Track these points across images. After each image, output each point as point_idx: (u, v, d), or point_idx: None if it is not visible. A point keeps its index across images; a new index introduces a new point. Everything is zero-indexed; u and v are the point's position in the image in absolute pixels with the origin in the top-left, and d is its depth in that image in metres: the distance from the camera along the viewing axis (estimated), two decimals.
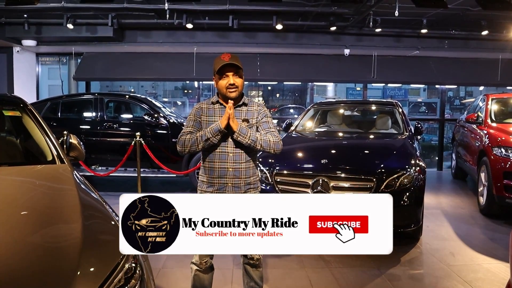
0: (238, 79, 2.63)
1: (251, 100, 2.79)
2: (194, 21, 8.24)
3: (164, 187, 7.79)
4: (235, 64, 2.61)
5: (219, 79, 2.64)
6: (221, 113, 2.66)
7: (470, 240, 4.74)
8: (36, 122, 3.01)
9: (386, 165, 4.43)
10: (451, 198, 6.87)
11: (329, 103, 7.20)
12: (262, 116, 2.74)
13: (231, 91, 2.61)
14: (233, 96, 2.62)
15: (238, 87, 2.63)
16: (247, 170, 2.69)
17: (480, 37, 8.68)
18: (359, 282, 3.62)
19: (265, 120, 2.74)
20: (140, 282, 1.78)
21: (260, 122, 2.73)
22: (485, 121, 6.62)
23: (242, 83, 2.67)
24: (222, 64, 2.59)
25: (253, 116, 2.72)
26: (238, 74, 2.63)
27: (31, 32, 8.55)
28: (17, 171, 2.56)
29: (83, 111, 7.57)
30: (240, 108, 2.71)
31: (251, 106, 2.75)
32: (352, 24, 8.38)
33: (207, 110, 2.71)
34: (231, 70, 2.60)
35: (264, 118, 2.74)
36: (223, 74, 2.62)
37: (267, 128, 2.71)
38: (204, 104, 2.74)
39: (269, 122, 2.76)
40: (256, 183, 2.78)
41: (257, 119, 2.72)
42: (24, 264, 1.57)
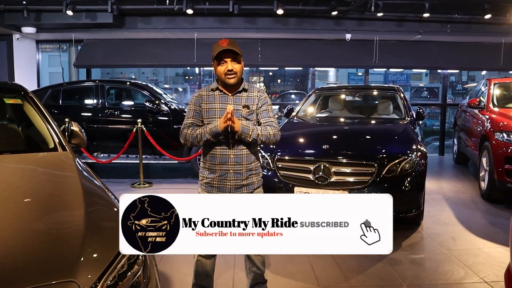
0: (236, 65, 2.59)
1: (251, 86, 2.74)
2: (194, 6, 8.18)
3: (166, 173, 7.83)
4: (233, 50, 2.56)
5: (217, 65, 2.60)
6: (221, 100, 2.64)
7: (470, 225, 4.77)
8: (37, 110, 3.01)
9: (387, 150, 4.43)
10: (453, 183, 6.88)
11: (330, 88, 7.16)
12: (262, 103, 2.71)
13: (229, 77, 2.58)
14: (232, 82, 2.59)
15: (237, 73, 2.59)
16: (248, 156, 2.66)
17: (482, 21, 8.60)
18: (360, 267, 3.65)
19: (265, 108, 2.71)
20: (143, 267, 1.80)
21: (260, 110, 2.70)
22: (487, 106, 6.59)
23: (241, 68, 2.63)
24: (220, 50, 2.55)
25: (253, 102, 2.68)
26: (237, 60, 2.59)
27: (30, 19, 8.51)
28: (19, 159, 2.57)
29: (84, 98, 7.55)
30: (240, 94, 2.67)
31: (252, 91, 2.71)
32: (353, 8, 8.31)
33: (207, 97, 2.68)
34: (229, 56, 2.57)
35: (264, 106, 2.71)
36: (221, 60, 2.58)
37: (267, 118, 2.69)
38: (204, 91, 2.71)
39: (269, 110, 2.72)
40: (257, 169, 2.76)
41: (257, 105, 2.69)
42: (27, 251, 1.58)
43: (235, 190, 2.66)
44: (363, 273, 3.54)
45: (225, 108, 2.60)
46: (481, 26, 9.05)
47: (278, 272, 3.53)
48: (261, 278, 2.92)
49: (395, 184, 4.23)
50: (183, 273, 3.52)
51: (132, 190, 6.45)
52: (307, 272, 3.55)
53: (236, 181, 2.65)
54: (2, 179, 2.25)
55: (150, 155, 7.03)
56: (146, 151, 6.80)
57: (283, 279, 3.43)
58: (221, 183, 2.66)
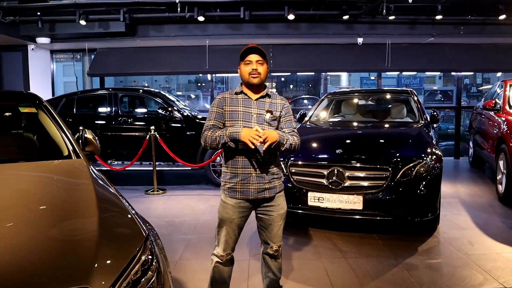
0: (261, 67, 2.59)
1: (274, 93, 2.74)
2: (205, 13, 8.23)
3: (179, 180, 7.85)
4: (259, 49, 2.59)
5: (242, 66, 2.62)
6: (244, 103, 2.63)
7: (488, 229, 4.68)
8: (51, 118, 3.04)
9: (402, 154, 4.38)
10: (469, 187, 6.77)
11: (343, 92, 7.13)
12: (286, 112, 2.71)
13: (253, 76, 2.58)
14: (255, 82, 2.58)
15: (261, 74, 2.59)
16: (270, 160, 2.65)
17: (497, 21, 8.48)
18: (376, 272, 3.60)
19: (289, 119, 2.71)
20: (157, 274, 1.79)
21: (285, 119, 2.70)
22: (503, 108, 6.50)
23: (266, 72, 2.63)
24: (246, 48, 2.59)
25: (277, 108, 2.68)
26: (262, 62, 2.61)
27: (45, 29, 8.66)
28: (34, 167, 2.60)
29: (98, 106, 7.64)
30: (264, 100, 2.66)
31: (275, 98, 2.71)
32: (365, 12, 8.27)
33: (230, 100, 2.65)
34: (254, 56, 2.58)
35: (288, 116, 2.71)
36: (246, 60, 2.59)
37: (291, 128, 2.69)
38: (227, 94, 2.69)
39: (292, 121, 2.74)
40: (279, 173, 2.74)
41: (281, 113, 2.68)
42: (41, 258, 1.59)
43: (257, 193, 2.64)
44: (378, 278, 3.49)
45: (248, 112, 2.60)
46: (496, 27, 8.93)
47: (293, 278, 3.50)
48: (276, 284, 2.90)
49: (410, 188, 4.18)
50: (197, 279, 3.51)
51: (146, 197, 6.48)
52: (322, 278, 3.52)
53: (259, 184, 2.62)
54: (18, 187, 2.28)
55: (163, 162, 7.06)
56: (159, 158, 6.84)
57: (298, 284, 3.40)
58: (244, 187, 2.62)
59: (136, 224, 1.98)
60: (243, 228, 2.80)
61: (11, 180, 2.36)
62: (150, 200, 6.28)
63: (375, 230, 4.62)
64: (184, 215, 5.47)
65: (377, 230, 4.61)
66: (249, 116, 2.61)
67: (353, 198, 4.18)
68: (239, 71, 2.65)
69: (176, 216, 5.43)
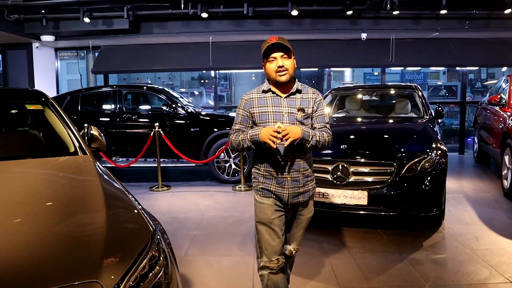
0: (287, 61, 2.41)
1: (305, 86, 2.55)
2: (209, 10, 8.23)
3: (183, 176, 7.86)
4: (282, 44, 2.39)
5: (267, 63, 2.45)
6: (273, 102, 2.46)
7: (494, 224, 4.67)
8: (57, 115, 3.06)
9: (406, 149, 4.38)
10: (474, 182, 6.76)
11: (347, 88, 7.11)
12: (318, 105, 2.53)
13: (280, 74, 2.39)
14: (284, 80, 2.40)
15: (288, 70, 2.41)
16: (305, 163, 2.52)
17: (502, 16, 8.41)
18: (381, 267, 3.60)
19: (321, 113, 2.54)
20: (164, 268, 1.81)
21: (316, 114, 2.52)
22: (509, 103, 6.47)
23: (293, 66, 2.45)
24: (268, 45, 2.39)
25: (309, 104, 2.50)
26: (287, 56, 2.42)
27: (49, 27, 8.69)
28: (40, 163, 2.61)
29: (103, 103, 7.67)
30: (294, 96, 2.48)
31: (306, 92, 2.52)
32: (368, 7, 8.23)
33: (258, 100, 2.48)
34: (278, 51, 2.40)
35: (319, 110, 2.53)
36: (270, 57, 2.42)
37: (322, 123, 2.53)
38: (255, 93, 2.51)
39: (324, 115, 2.56)
40: (312, 174, 2.61)
41: (313, 108, 2.51)
42: (50, 253, 1.60)
43: (292, 198, 2.52)
44: (384, 273, 3.49)
45: (278, 112, 2.44)
46: (501, 21, 8.85)
47: (299, 273, 3.50)
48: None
49: (415, 183, 4.18)
50: (203, 275, 3.53)
51: (151, 193, 6.50)
52: (327, 273, 3.52)
53: (294, 188, 2.50)
54: (25, 183, 2.29)
55: (167, 158, 7.08)
56: (163, 154, 6.86)
57: (304, 280, 3.40)
58: (278, 191, 2.49)
59: (143, 219, 1.99)
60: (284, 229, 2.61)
61: (18, 177, 2.38)
62: (155, 197, 6.30)
63: (380, 225, 4.62)
64: (188, 211, 5.49)
65: (382, 226, 4.61)
66: (280, 116, 2.44)
67: (358, 193, 4.19)
68: (264, 69, 2.48)
69: (181, 212, 5.45)
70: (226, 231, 4.69)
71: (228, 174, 7.07)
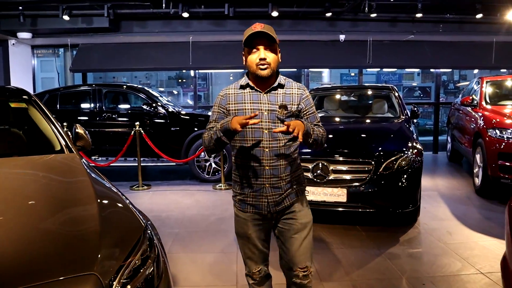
0: (270, 54, 2.13)
1: (289, 81, 2.26)
2: (190, 10, 8.26)
3: (164, 175, 7.87)
4: (267, 34, 2.11)
5: (248, 53, 2.16)
6: (252, 98, 2.19)
7: (466, 220, 4.87)
8: (42, 113, 3.08)
9: (384, 148, 4.53)
10: (447, 180, 7.00)
11: (325, 88, 7.25)
12: (306, 104, 2.24)
13: (262, 67, 2.12)
14: (264, 74, 2.12)
15: (271, 64, 2.13)
16: (287, 167, 2.21)
17: (474, 20, 8.73)
18: (360, 262, 3.73)
19: (312, 111, 2.26)
20: (156, 262, 1.87)
21: (307, 113, 2.24)
22: (480, 104, 6.72)
23: (277, 60, 2.17)
24: (251, 33, 2.11)
25: (293, 101, 2.21)
26: (272, 49, 2.14)
27: (26, 24, 8.54)
28: (27, 161, 2.63)
29: (82, 102, 7.61)
30: (276, 92, 2.20)
31: (290, 87, 2.23)
32: (347, 9, 8.42)
33: (235, 96, 2.21)
34: (262, 42, 2.12)
35: (310, 108, 2.25)
36: (253, 47, 2.13)
37: (316, 122, 2.26)
38: (231, 89, 2.25)
39: (315, 113, 2.28)
40: (299, 178, 2.31)
41: (299, 106, 2.22)
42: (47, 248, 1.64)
43: (274, 206, 2.24)
44: (363, 267, 3.63)
45: (257, 109, 2.17)
46: (473, 25, 9.18)
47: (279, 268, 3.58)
48: None
49: (392, 181, 4.33)
50: (188, 271, 3.59)
51: (132, 193, 6.50)
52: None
53: (274, 196, 2.22)
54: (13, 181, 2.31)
55: (148, 157, 7.09)
56: (144, 153, 6.86)
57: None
58: (256, 200, 2.23)
59: (134, 215, 2.05)
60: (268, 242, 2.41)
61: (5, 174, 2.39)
62: (136, 196, 6.30)
63: (359, 222, 4.76)
64: (170, 209, 5.53)
65: (360, 222, 4.75)
66: (259, 113, 2.16)
67: (337, 191, 4.31)
68: (245, 59, 2.20)
69: (162, 211, 5.48)
70: (208, 228, 4.75)
71: (208, 173, 7.13)
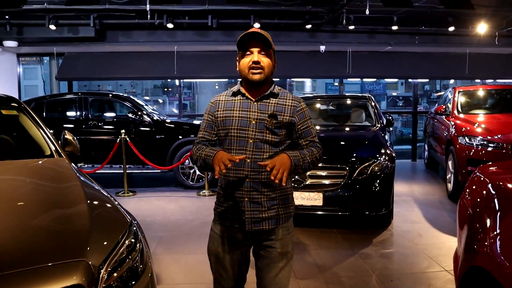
0: (265, 58, 2.01)
1: (283, 91, 2.13)
2: (174, 20, 8.48)
3: (149, 182, 8.02)
4: (263, 36, 2.00)
5: (241, 57, 2.05)
6: (242, 106, 2.06)
7: (437, 223, 5.14)
8: (32, 120, 3.24)
9: (358, 154, 4.79)
10: (423, 186, 7.29)
11: (306, 98, 7.50)
12: (300, 117, 2.09)
13: (254, 71, 2.00)
14: (256, 79, 2.00)
15: (264, 69, 2.01)
16: (270, 181, 1.98)
17: (448, 32, 9.12)
18: (334, 262, 3.96)
19: (306, 126, 2.09)
20: (140, 254, 2.06)
21: (301, 128, 2.08)
22: (452, 113, 7.05)
23: (271, 66, 2.04)
24: (245, 33, 2.00)
25: (285, 112, 2.06)
26: (267, 53, 2.02)
27: (12, 33, 8.66)
28: (20, 165, 2.80)
29: (68, 110, 7.74)
30: (267, 100, 2.07)
31: (284, 98, 2.09)
32: (326, 21, 8.74)
33: (225, 103, 2.10)
34: (257, 45, 2.01)
35: (304, 122, 2.09)
36: (246, 49, 2.02)
37: (310, 137, 2.09)
38: (222, 96, 2.14)
39: (310, 127, 2.11)
40: (286, 197, 2.12)
41: (292, 119, 2.06)
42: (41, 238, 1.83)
43: (252, 224, 2.05)
44: (336, 266, 3.85)
45: (245, 117, 2.04)
46: (447, 37, 9.58)
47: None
48: None
49: (365, 185, 4.58)
50: (171, 271, 3.78)
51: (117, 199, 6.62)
52: None
53: (253, 212, 2.04)
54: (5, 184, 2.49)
55: (133, 164, 7.24)
56: (129, 161, 7.00)
57: None
58: (236, 215, 2.07)
59: (120, 212, 2.24)
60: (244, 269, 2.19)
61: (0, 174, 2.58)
62: (121, 202, 6.26)
63: (335, 225, 5.00)
64: (154, 214, 5.69)
65: (337, 225, 4.98)
66: (246, 122, 2.03)
67: (314, 195, 4.55)
68: (238, 65, 2.09)
69: (147, 216, 5.64)
70: (191, 232, 4.94)
71: (192, 180, 7.30)
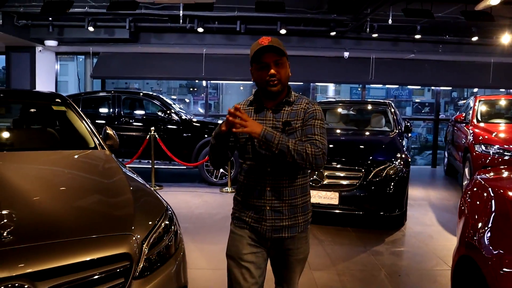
0: (280, 69, 2.00)
1: (300, 97, 2.12)
2: (204, 25, 8.88)
3: (175, 178, 8.43)
4: (277, 48, 1.98)
5: (256, 69, 2.04)
6: (258, 115, 2.07)
7: (449, 226, 5.35)
8: (78, 116, 3.64)
9: (374, 157, 5.05)
10: (440, 192, 7.46)
11: (328, 102, 7.79)
12: (309, 116, 2.03)
13: (272, 83, 1.99)
14: (275, 90, 2.01)
15: (281, 80, 2.00)
16: (291, 190, 2.04)
17: (472, 42, 9.22)
18: (347, 257, 4.24)
19: (310, 123, 2.02)
20: (174, 236, 2.39)
21: (305, 124, 2.03)
22: (471, 121, 7.21)
23: (287, 74, 2.04)
24: (259, 48, 1.97)
25: (298, 116, 2.04)
26: (281, 62, 2.00)
27: (53, 33, 9.24)
28: (69, 154, 3.21)
29: (101, 107, 8.23)
30: (283, 108, 2.06)
31: (298, 104, 2.07)
32: (350, 29, 8.98)
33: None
34: (271, 57, 1.98)
35: (310, 120, 2.02)
36: (261, 63, 2.00)
37: (311, 135, 1.99)
38: (241, 105, 2.12)
39: (315, 126, 2.02)
40: (305, 205, 2.11)
41: (303, 120, 2.04)
42: (93, 213, 2.22)
43: (272, 232, 2.05)
44: (348, 261, 4.13)
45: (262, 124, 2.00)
46: (471, 47, 9.67)
47: None
48: None
49: (380, 187, 4.84)
50: (194, 257, 4.12)
51: None
52: None
53: (275, 221, 2.04)
54: (61, 168, 2.89)
55: (161, 160, 7.64)
56: (157, 156, 7.40)
57: None
58: (256, 223, 2.06)
59: (158, 197, 2.60)
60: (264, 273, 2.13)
61: (56, 162, 3.00)
62: None
63: (351, 224, 5.26)
64: (180, 208, 6.07)
65: (352, 224, 5.25)
66: None
67: (330, 194, 4.83)
68: (252, 76, 2.07)
69: (173, 208, 5.98)
70: (213, 224, 5.29)
71: (216, 177, 7.65)
